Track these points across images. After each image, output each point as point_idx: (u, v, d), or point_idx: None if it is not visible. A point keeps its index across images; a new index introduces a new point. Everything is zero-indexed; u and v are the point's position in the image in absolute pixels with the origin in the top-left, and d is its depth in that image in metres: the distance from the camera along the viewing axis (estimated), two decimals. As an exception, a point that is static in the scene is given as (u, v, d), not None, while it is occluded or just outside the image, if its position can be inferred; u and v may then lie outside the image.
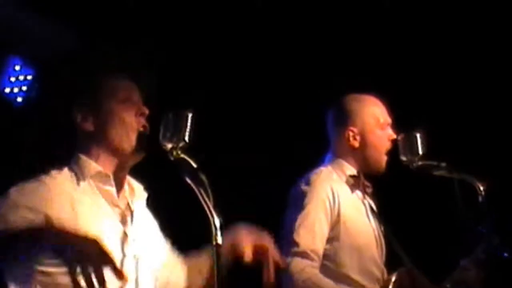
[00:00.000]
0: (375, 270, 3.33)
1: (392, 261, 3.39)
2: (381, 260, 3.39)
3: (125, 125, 2.56)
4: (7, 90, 4.80)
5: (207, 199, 2.39)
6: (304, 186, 3.32)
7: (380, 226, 3.42)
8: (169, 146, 2.47)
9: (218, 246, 2.32)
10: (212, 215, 2.35)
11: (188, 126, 2.49)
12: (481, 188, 3.26)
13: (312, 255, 3.19)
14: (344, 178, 3.41)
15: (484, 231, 3.19)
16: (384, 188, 3.51)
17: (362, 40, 4.88)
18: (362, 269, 3.28)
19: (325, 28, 4.85)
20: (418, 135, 3.39)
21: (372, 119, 3.46)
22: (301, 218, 3.24)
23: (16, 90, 4.80)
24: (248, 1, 4.72)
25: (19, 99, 4.81)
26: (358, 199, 3.42)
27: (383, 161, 3.44)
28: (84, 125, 2.56)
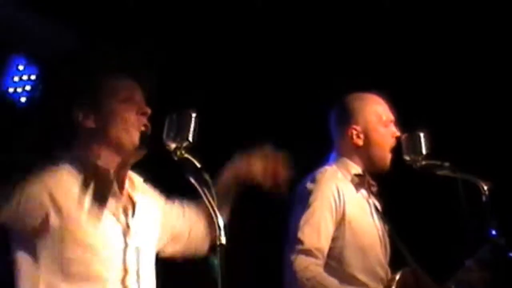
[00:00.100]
0: (379, 270, 3.32)
1: (396, 260, 3.39)
2: (385, 259, 3.39)
3: (127, 124, 2.56)
4: (11, 89, 4.80)
5: (210, 199, 2.39)
6: (309, 184, 3.31)
7: (384, 226, 3.42)
8: (172, 146, 2.48)
9: (221, 246, 2.32)
10: (216, 215, 2.35)
11: (192, 126, 2.49)
12: (485, 188, 3.26)
13: (317, 253, 3.18)
14: (349, 177, 3.40)
15: (489, 232, 3.18)
16: (388, 188, 3.50)
17: (363, 40, 4.87)
18: (366, 268, 3.28)
19: (325, 28, 4.84)
20: (422, 134, 3.39)
21: (374, 117, 3.46)
22: (306, 216, 3.23)
23: (19, 90, 4.80)
24: (248, 1, 4.71)
25: (23, 99, 4.81)
26: (363, 198, 3.41)
27: (388, 158, 3.43)
28: (85, 124, 2.57)
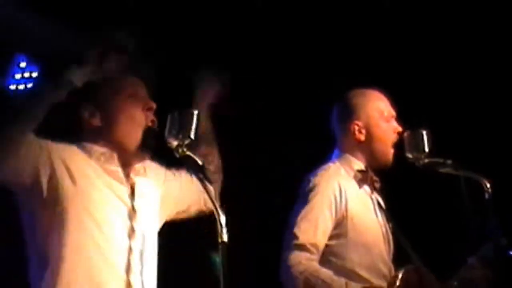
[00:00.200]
0: (382, 267, 3.32)
1: (400, 258, 3.38)
2: (389, 256, 3.38)
3: (133, 121, 2.56)
4: (12, 87, 4.79)
5: (213, 196, 2.39)
6: (311, 181, 3.31)
7: (387, 222, 3.42)
8: (174, 144, 2.48)
9: (223, 244, 2.32)
10: (218, 213, 2.35)
11: (194, 123, 2.49)
12: (488, 185, 3.25)
13: (311, 248, 3.18)
14: (352, 173, 3.40)
15: (492, 229, 3.17)
16: (391, 186, 3.50)
17: (363, 39, 4.86)
18: (370, 265, 3.27)
19: (325, 28, 4.84)
20: (424, 132, 3.38)
21: (376, 112, 3.46)
22: (304, 212, 3.23)
23: (21, 87, 4.79)
24: (248, 1, 4.71)
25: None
26: (366, 194, 3.41)
27: (390, 153, 3.44)
28: (91, 121, 2.57)
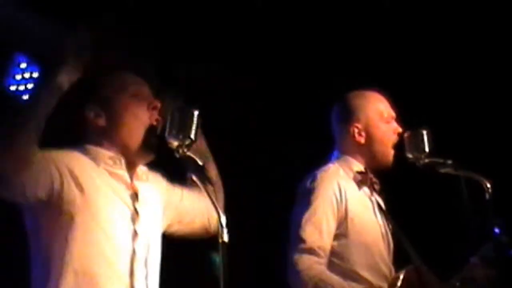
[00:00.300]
0: (383, 267, 3.32)
1: (400, 258, 3.38)
2: (389, 257, 3.38)
3: (137, 120, 2.56)
4: (13, 88, 4.79)
5: (213, 196, 2.39)
6: (311, 182, 3.31)
7: (387, 223, 3.42)
8: (175, 144, 2.48)
9: (224, 244, 2.32)
10: (218, 213, 2.35)
11: (194, 124, 2.49)
12: (488, 185, 3.25)
13: (319, 251, 3.18)
14: (351, 175, 3.40)
15: (493, 229, 3.18)
16: (391, 186, 3.50)
17: (364, 39, 4.86)
18: (370, 266, 3.27)
19: (325, 28, 4.83)
20: (424, 132, 3.38)
21: (375, 114, 3.46)
22: (308, 215, 3.22)
23: (21, 88, 4.79)
24: (248, 1, 4.71)
25: (25, 97, 4.80)
26: (366, 195, 3.41)
27: (390, 155, 3.44)
28: (97, 122, 2.57)
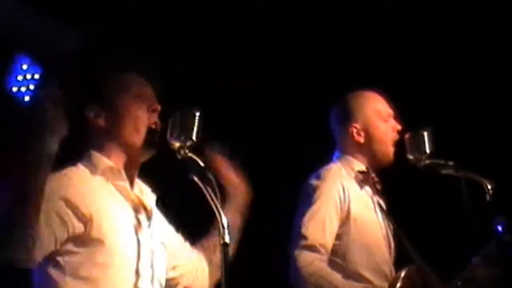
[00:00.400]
0: (384, 267, 3.32)
1: (401, 258, 3.38)
2: (390, 257, 3.39)
3: (136, 121, 2.56)
4: (15, 89, 4.79)
5: (214, 198, 2.39)
6: (314, 181, 3.32)
7: (388, 223, 3.42)
8: (176, 145, 2.48)
9: (225, 245, 2.32)
10: (220, 214, 2.35)
11: (196, 124, 2.49)
12: (489, 186, 3.26)
13: (321, 248, 3.19)
14: (353, 174, 3.41)
15: (495, 228, 3.18)
16: (392, 187, 3.50)
17: (364, 39, 4.85)
18: (372, 265, 3.28)
19: (326, 28, 4.83)
20: (425, 133, 3.39)
21: (374, 113, 3.47)
22: (311, 212, 3.24)
23: (23, 89, 4.80)
24: (248, 1, 4.71)
25: (27, 98, 4.81)
26: (367, 195, 3.42)
27: (391, 153, 3.44)
28: (97, 122, 2.57)
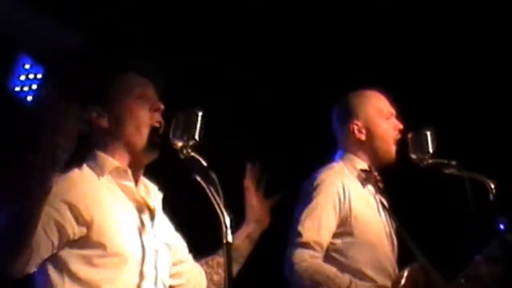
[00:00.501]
0: (387, 266, 3.33)
1: (404, 257, 3.39)
2: (393, 255, 3.40)
3: (139, 121, 2.56)
4: (17, 88, 4.79)
5: (217, 197, 2.39)
6: (315, 180, 3.34)
7: (391, 222, 3.42)
8: (179, 145, 2.48)
9: (228, 244, 2.32)
10: (223, 213, 2.35)
11: (199, 124, 2.49)
12: (492, 186, 3.26)
13: (315, 246, 3.20)
14: (355, 173, 3.42)
15: (498, 227, 3.18)
16: (395, 186, 3.51)
17: (366, 40, 4.85)
18: (375, 264, 3.29)
19: (326, 28, 4.83)
20: (428, 133, 3.39)
21: (375, 111, 3.48)
22: (308, 210, 3.26)
23: (26, 89, 4.80)
24: (248, 1, 4.71)
25: (29, 98, 4.81)
26: (370, 194, 3.42)
27: (392, 150, 3.45)
28: (99, 122, 2.57)
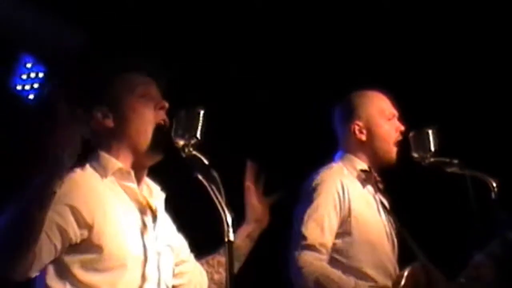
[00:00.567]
0: (388, 265, 3.33)
1: (405, 257, 3.39)
2: (394, 255, 3.40)
3: (143, 119, 2.56)
4: (19, 87, 4.80)
5: (219, 196, 2.39)
6: (314, 180, 3.34)
7: (391, 222, 3.42)
8: (181, 143, 2.48)
9: (230, 243, 2.32)
10: (224, 212, 2.35)
11: (200, 123, 2.50)
12: (494, 184, 3.27)
13: (320, 248, 3.21)
14: (355, 173, 3.42)
15: (499, 227, 3.19)
16: (396, 185, 3.51)
17: (366, 40, 4.85)
18: (376, 264, 3.29)
19: (328, 28, 4.83)
20: (430, 131, 3.40)
21: (376, 111, 3.48)
22: (310, 212, 3.26)
23: (27, 87, 4.80)
24: (248, 1, 4.71)
25: (31, 97, 4.81)
26: (369, 194, 3.43)
27: (393, 152, 3.45)
28: (104, 123, 2.56)
